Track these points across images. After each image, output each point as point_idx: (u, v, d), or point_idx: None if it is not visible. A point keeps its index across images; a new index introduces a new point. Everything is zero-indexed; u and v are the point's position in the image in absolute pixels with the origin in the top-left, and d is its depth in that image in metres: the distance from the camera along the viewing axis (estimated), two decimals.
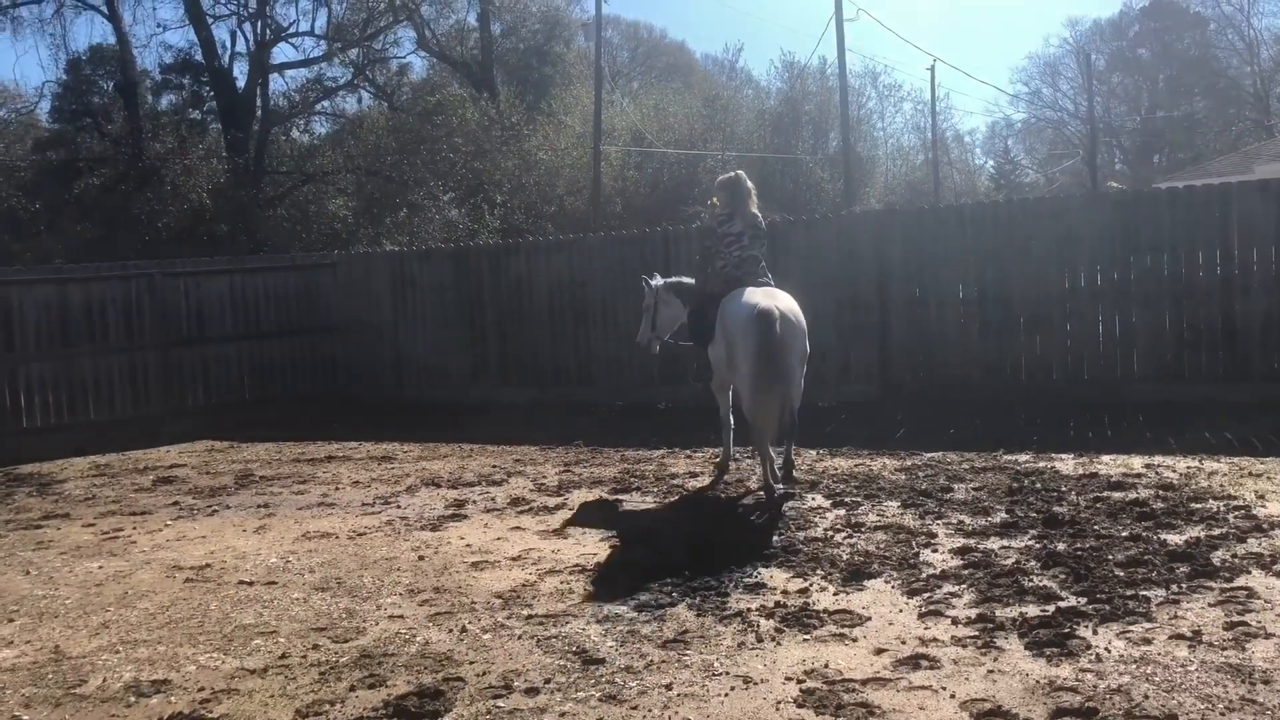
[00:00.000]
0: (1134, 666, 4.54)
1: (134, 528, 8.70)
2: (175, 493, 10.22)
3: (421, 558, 7.15)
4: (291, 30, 34.45)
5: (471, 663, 5.07)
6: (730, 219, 8.72)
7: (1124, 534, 6.56)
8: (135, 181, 28.84)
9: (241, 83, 33.16)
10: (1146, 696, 4.24)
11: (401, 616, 5.86)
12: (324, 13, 34.60)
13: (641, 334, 9.81)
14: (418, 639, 5.46)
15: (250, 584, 6.75)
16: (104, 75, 34.01)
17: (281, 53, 35.42)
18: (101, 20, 33.12)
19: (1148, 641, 4.81)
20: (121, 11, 32.49)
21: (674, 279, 9.87)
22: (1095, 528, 6.75)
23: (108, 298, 14.50)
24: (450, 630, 5.57)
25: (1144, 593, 5.44)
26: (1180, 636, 4.84)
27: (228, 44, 33.34)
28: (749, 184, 8.87)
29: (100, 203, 28.75)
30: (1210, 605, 5.24)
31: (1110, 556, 6.09)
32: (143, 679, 5.12)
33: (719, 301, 8.47)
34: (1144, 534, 6.52)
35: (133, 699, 4.88)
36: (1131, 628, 4.99)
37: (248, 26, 33.44)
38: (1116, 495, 7.62)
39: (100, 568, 7.41)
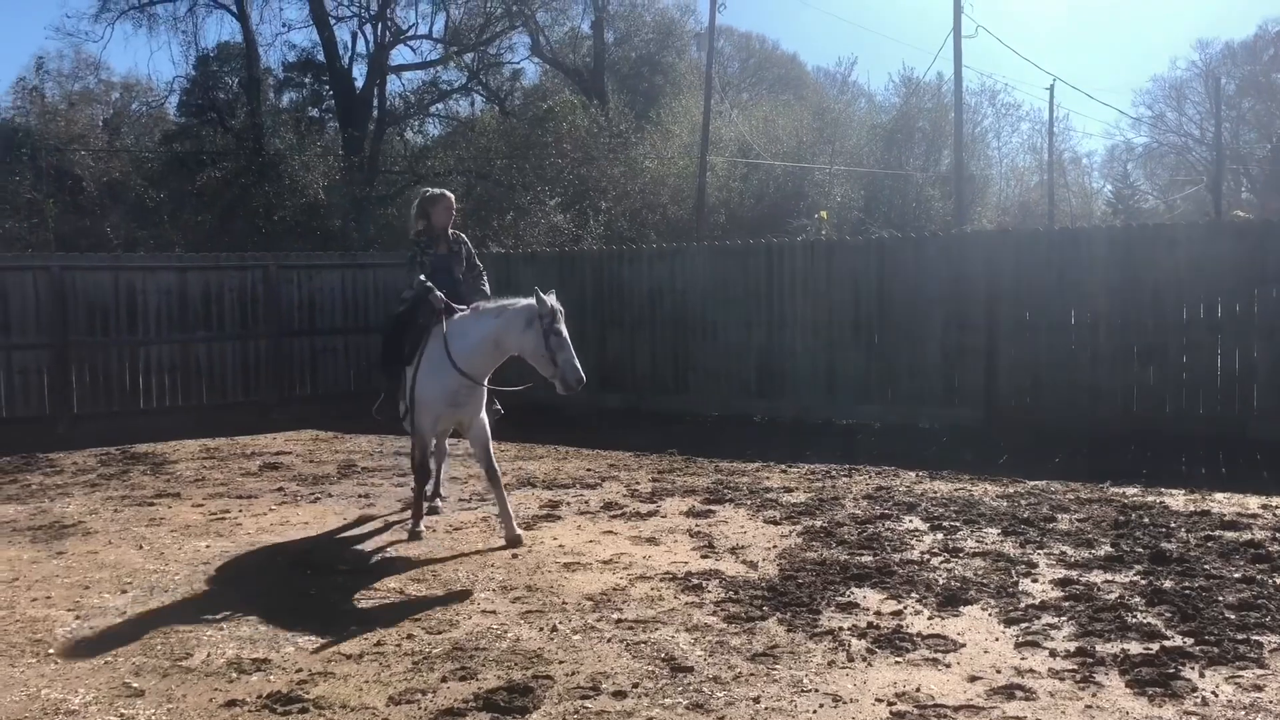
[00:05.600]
0: (1243, 713, 4.37)
1: (240, 510, 8.98)
2: (280, 479, 10.52)
3: (515, 555, 7.24)
4: (410, 33, 35.28)
5: (561, 662, 5.11)
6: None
7: (1236, 575, 6.32)
8: (254, 175, 29.81)
9: (360, 83, 34.03)
10: None
11: (494, 612, 5.94)
12: (442, 17, 35.36)
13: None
14: (509, 635, 5.53)
15: (349, 571, 6.91)
16: (230, 72, 35.24)
17: (400, 55, 36.19)
18: (230, 19, 34.32)
19: (1259, 688, 4.62)
20: (249, 11, 33.66)
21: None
22: (1205, 567, 6.52)
23: (225, 286, 15.02)
24: (541, 629, 5.62)
25: (1256, 637, 5.23)
26: None
27: (349, 45, 34.29)
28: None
29: (220, 194, 29.80)
30: None
31: (1220, 597, 5.87)
32: (244, 657, 5.28)
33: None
34: (1258, 576, 6.27)
35: (234, 675, 5.04)
36: (1242, 672, 4.80)
37: (368, 28, 34.35)
38: (1229, 535, 7.34)
39: (207, 547, 7.66)
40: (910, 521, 8.02)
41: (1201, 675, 4.78)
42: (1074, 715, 4.39)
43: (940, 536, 7.51)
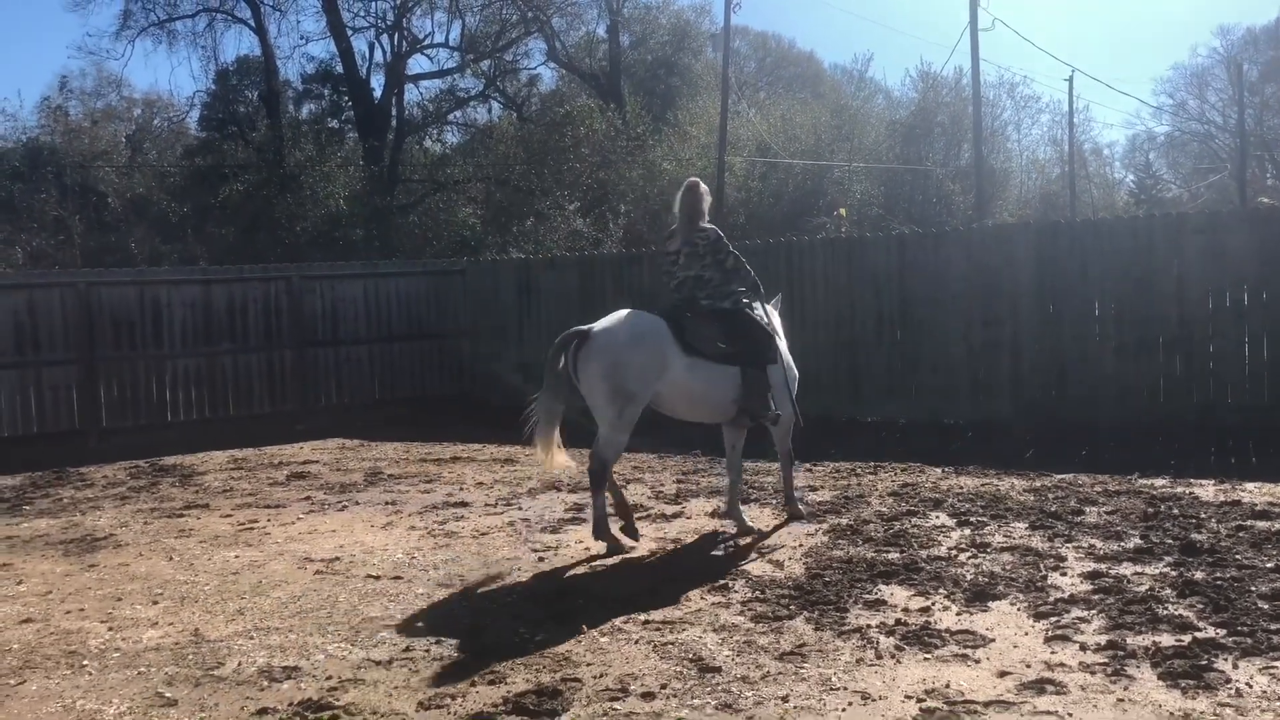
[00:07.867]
0: (1278, 704, 4.33)
1: (268, 520, 9.04)
2: (308, 488, 10.58)
3: (542, 559, 7.26)
4: (427, 42, 35.46)
5: (589, 664, 5.12)
6: (672, 236, 8.23)
7: (1269, 565, 6.26)
8: (276, 187, 30.01)
9: (378, 93, 34.21)
10: None
11: (522, 616, 5.95)
12: (458, 25, 35.53)
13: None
14: (536, 638, 5.54)
15: (377, 578, 6.95)
16: (249, 85, 35.53)
17: (417, 64, 36.38)
18: (249, 33, 34.66)
19: None
20: (267, 24, 33.96)
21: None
22: (1237, 557, 6.46)
23: (249, 298, 15.13)
24: (569, 631, 5.63)
25: None
26: None
27: (366, 55, 34.49)
28: (697, 194, 8.03)
29: (242, 207, 30.02)
30: None
31: (1253, 588, 5.82)
32: (275, 665, 5.32)
33: None
34: None
35: (265, 683, 5.07)
36: (1276, 663, 4.76)
37: (385, 38, 34.57)
38: (1261, 524, 7.28)
39: (237, 557, 7.72)
40: (937, 517, 7.99)
41: (1235, 667, 4.74)
42: (1106, 709, 4.36)
43: (967, 532, 7.48)
